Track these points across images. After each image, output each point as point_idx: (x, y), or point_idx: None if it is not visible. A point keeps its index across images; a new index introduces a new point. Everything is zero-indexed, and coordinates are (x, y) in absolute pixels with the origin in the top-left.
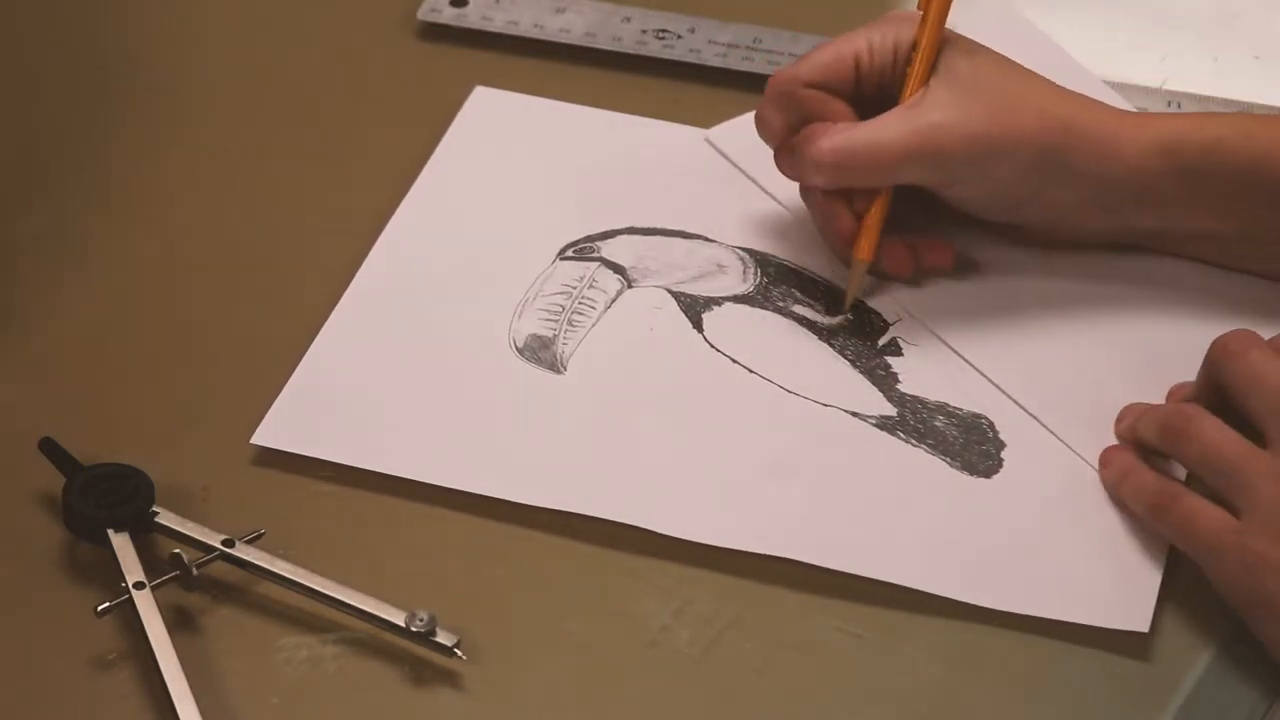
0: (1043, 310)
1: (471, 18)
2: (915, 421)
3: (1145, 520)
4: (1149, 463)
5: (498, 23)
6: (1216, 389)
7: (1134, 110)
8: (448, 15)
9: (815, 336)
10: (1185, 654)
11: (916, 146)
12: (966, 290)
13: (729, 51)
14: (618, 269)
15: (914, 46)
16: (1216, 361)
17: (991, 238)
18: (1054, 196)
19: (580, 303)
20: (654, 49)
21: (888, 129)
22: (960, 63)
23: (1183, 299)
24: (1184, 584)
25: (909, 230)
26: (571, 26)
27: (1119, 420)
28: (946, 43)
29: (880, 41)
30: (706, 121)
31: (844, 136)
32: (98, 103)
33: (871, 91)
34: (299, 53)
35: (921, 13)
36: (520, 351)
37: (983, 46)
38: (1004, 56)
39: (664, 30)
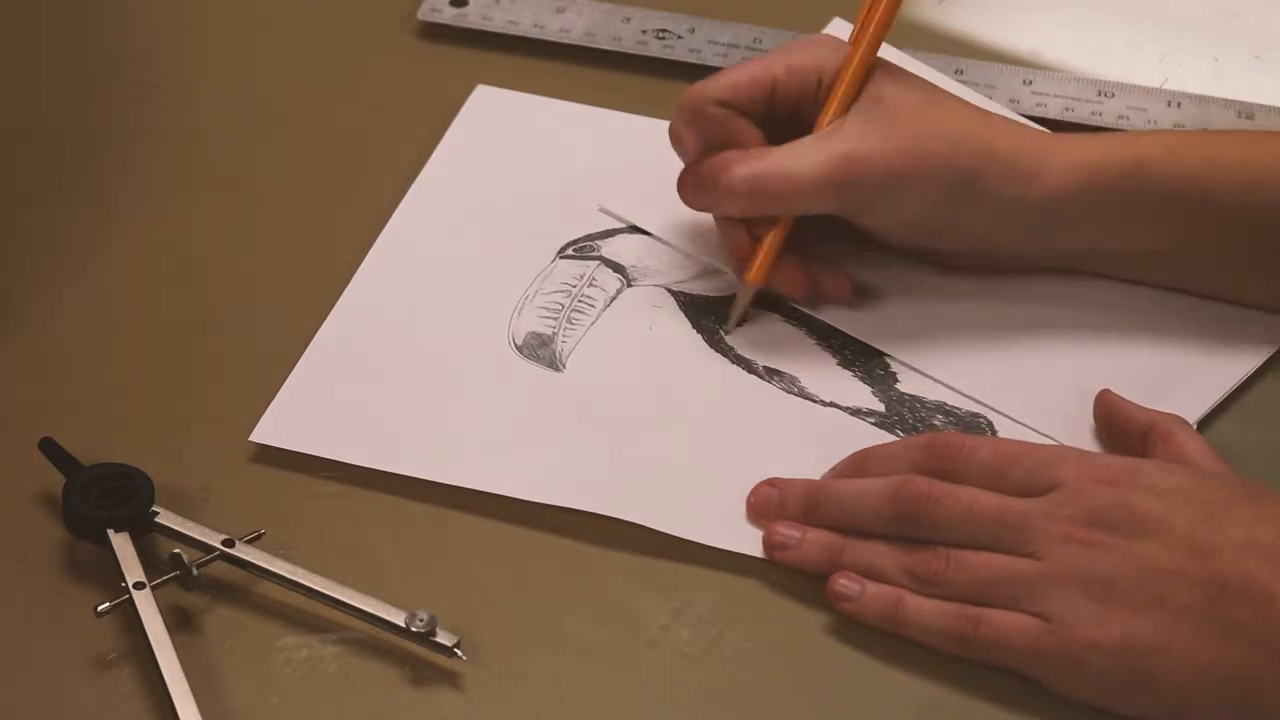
0: (980, 330)
1: (471, 17)
2: (914, 420)
3: (934, 646)
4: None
5: (498, 22)
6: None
7: (1058, 134)
8: (448, 15)
9: (814, 335)
10: None
11: (829, 176)
12: (898, 312)
13: (729, 52)
14: (618, 268)
15: (839, 72)
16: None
17: (916, 264)
18: (971, 223)
19: (580, 301)
20: (654, 49)
21: (801, 158)
22: (885, 90)
23: (1110, 320)
24: None
25: (812, 255)
26: (571, 26)
27: (759, 507)
28: (876, 70)
29: (801, 64)
30: None
31: (759, 165)
32: (97, 102)
33: (784, 115)
34: (299, 52)
35: (850, 40)
36: (519, 349)
37: (912, 75)
38: (934, 85)
39: (664, 30)
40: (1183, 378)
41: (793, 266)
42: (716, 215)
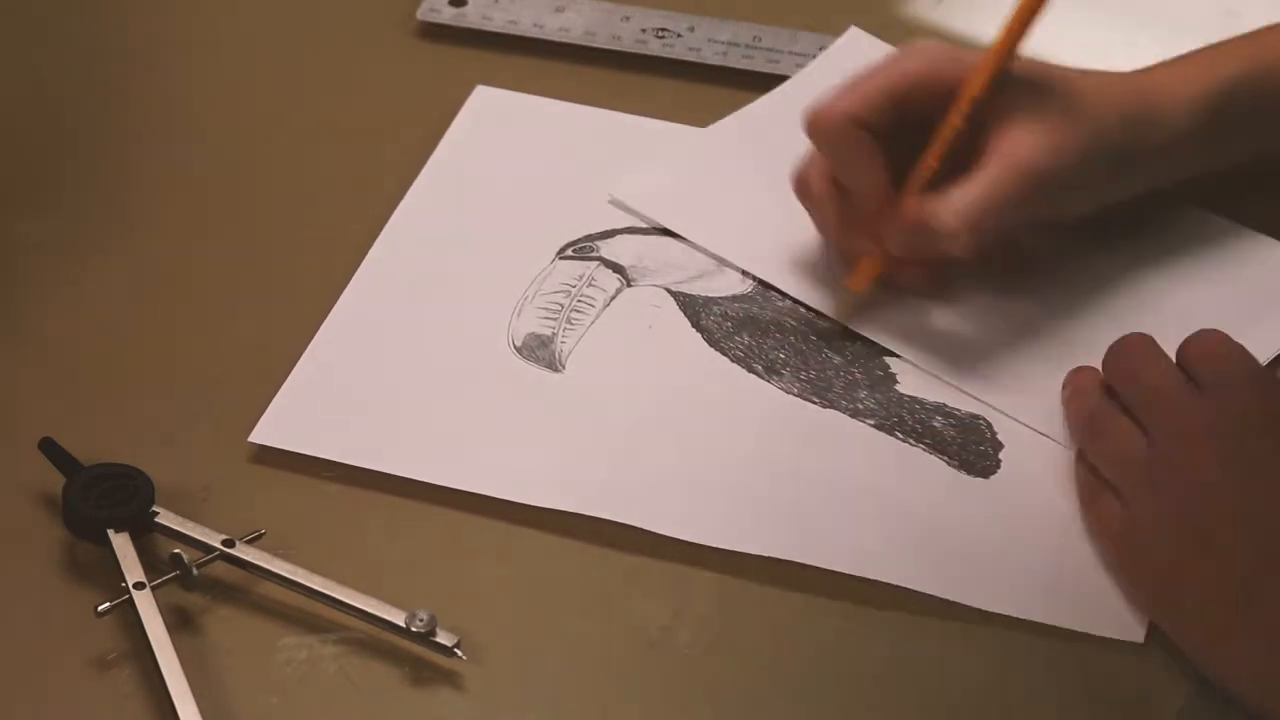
0: (1013, 323)
1: (471, 17)
2: (914, 422)
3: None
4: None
5: (497, 22)
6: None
7: (1161, 70)
8: (447, 15)
9: (814, 337)
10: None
11: (1026, 188)
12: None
13: (729, 50)
14: (617, 268)
15: (976, 81)
16: (1106, 360)
17: None
18: (1130, 179)
19: (579, 301)
20: (654, 48)
21: (997, 182)
22: (1021, 84)
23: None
24: None
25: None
26: (571, 25)
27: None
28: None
29: (919, 73)
30: (706, 120)
31: (964, 203)
32: (98, 104)
33: (905, 125)
34: (298, 52)
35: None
36: (518, 350)
37: (1026, 59)
38: (1043, 64)
39: (663, 29)
40: None
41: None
42: (819, 204)
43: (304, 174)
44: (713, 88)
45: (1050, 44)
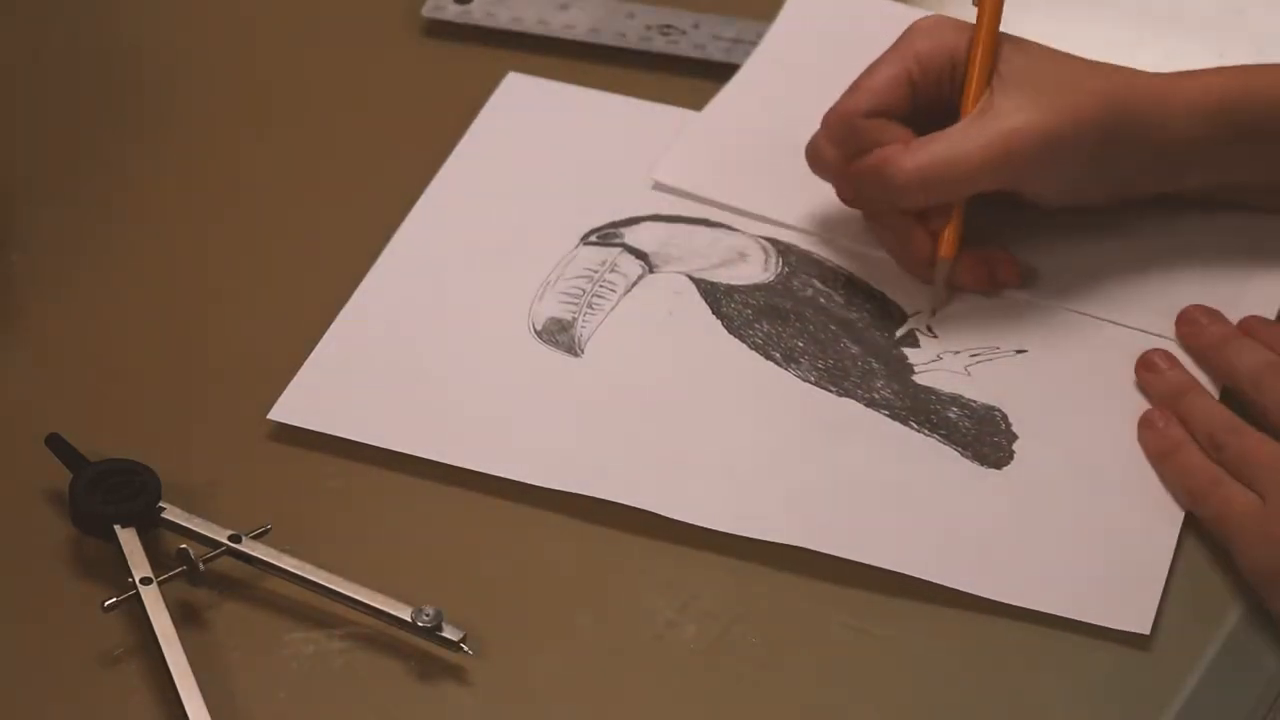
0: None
1: (476, 14)
2: (929, 412)
3: (1181, 500)
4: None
5: (502, 19)
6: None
7: (1169, 76)
8: (452, 12)
9: (833, 326)
10: (1191, 648)
11: (996, 154)
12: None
13: (734, 46)
14: (640, 254)
15: (969, 52)
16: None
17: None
18: (1116, 174)
19: (600, 286)
20: (659, 44)
21: (965, 141)
22: (1017, 60)
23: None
24: (1189, 581)
25: (975, 243)
26: (576, 23)
27: (1183, 323)
28: (1000, 42)
29: (930, 53)
30: None
31: (925, 154)
32: (104, 101)
33: (926, 105)
34: (303, 50)
35: (968, 20)
36: (539, 334)
37: (1028, 41)
38: (1048, 47)
39: (668, 26)
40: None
41: (970, 258)
42: (881, 213)
43: (312, 170)
44: (718, 84)
45: (1056, 42)
